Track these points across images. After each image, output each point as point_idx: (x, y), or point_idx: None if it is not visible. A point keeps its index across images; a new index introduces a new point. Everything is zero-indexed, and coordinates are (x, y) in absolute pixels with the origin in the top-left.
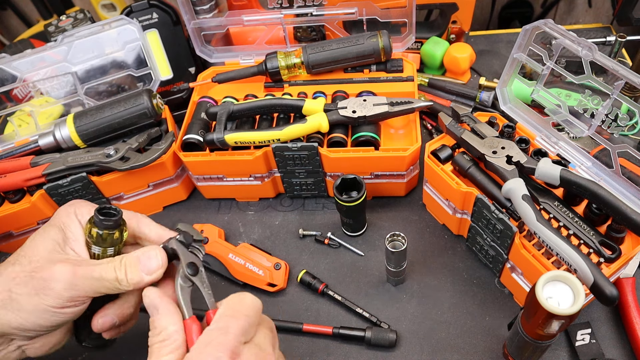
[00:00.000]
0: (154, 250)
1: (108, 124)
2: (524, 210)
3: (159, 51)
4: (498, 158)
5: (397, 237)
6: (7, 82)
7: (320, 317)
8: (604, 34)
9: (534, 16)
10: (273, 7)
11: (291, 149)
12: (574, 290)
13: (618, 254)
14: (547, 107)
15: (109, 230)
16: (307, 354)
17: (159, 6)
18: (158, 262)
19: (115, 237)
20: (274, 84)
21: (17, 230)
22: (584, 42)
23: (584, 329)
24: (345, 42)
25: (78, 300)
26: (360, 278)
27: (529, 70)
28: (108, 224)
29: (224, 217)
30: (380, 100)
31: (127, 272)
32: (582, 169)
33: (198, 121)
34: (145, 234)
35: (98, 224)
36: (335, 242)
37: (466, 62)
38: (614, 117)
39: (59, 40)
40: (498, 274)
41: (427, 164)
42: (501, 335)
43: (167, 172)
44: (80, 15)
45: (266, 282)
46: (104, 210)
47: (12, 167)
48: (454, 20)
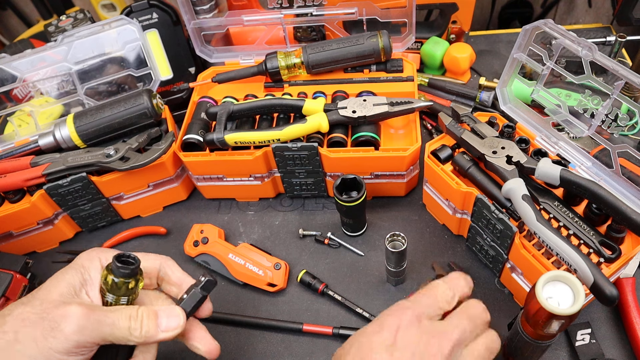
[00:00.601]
0: (177, 309)
1: (108, 124)
2: (524, 210)
3: (159, 51)
4: (498, 158)
5: (397, 237)
6: (7, 82)
7: (320, 317)
8: (604, 34)
9: (534, 16)
10: (273, 7)
11: (291, 149)
12: (574, 290)
13: (618, 254)
14: (547, 107)
15: (125, 279)
16: (307, 354)
17: (159, 6)
18: (179, 322)
19: (130, 286)
20: (274, 84)
21: (17, 230)
22: (584, 42)
23: (584, 329)
24: (345, 42)
25: (85, 347)
26: (360, 278)
27: (529, 70)
28: (125, 272)
29: (224, 217)
30: (380, 100)
31: (143, 323)
32: (582, 169)
33: (198, 121)
34: (168, 276)
35: (115, 271)
36: (335, 242)
37: (466, 62)
38: (614, 117)
39: (59, 40)
40: (498, 274)
41: (427, 164)
42: (501, 335)
43: (167, 172)
44: (80, 15)
45: (266, 282)
46: (123, 258)
47: (12, 167)
48: (454, 20)
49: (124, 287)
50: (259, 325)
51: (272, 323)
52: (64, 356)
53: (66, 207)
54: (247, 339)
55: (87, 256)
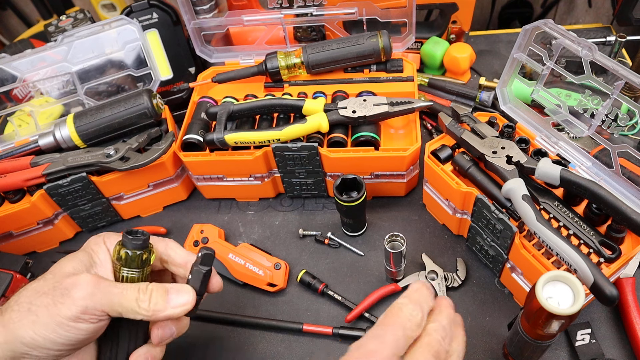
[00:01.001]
0: (187, 287)
1: (108, 124)
2: (524, 210)
3: (159, 51)
4: (498, 158)
5: (396, 238)
6: (7, 82)
7: (320, 317)
8: (604, 34)
9: (534, 16)
10: (273, 7)
11: (291, 149)
12: (574, 290)
13: (618, 254)
14: (547, 107)
15: (138, 250)
16: (307, 354)
17: (159, 6)
18: (188, 299)
19: (143, 257)
20: (274, 84)
21: (17, 230)
22: (584, 42)
23: (584, 329)
24: (345, 42)
25: (93, 315)
26: (360, 278)
27: (529, 70)
28: (137, 243)
29: (224, 217)
30: (380, 100)
31: (152, 295)
32: (582, 169)
33: (198, 121)
34: (171, 257)
35: (127, 244)
36: (335, 242)
37: (466, 62)
38: (614, 117)
39: (59, 40)
40: (498, 274)
41: (427, 164)
42: (501, 335)
43: (167, 172)
44: (80, 15)
45: (266, 282)
46: (132, 234)
47: (12, 167)
48: (454, 20)
49: (138, 259)
50: (259, 325)
51: (272, 323)
52: (73, 322)
53: (66, 207)
54: (247, 339)
55: (94, 240)
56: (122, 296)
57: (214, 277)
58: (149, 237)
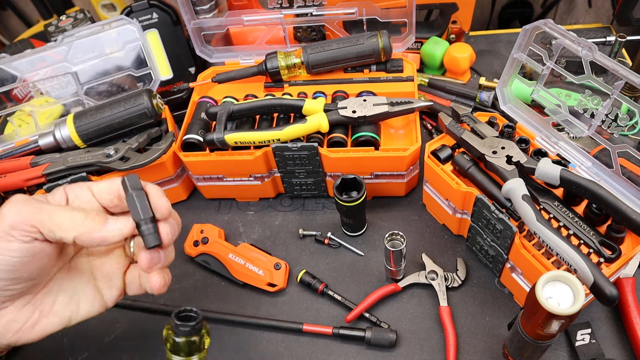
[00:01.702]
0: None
1: (108, 124)
2: (524, 210)
3: (159, 51)
4: (498, 158)
5: (396, 236)
6: (7, 82)
7: (320, 317)
8: (604, 34)
9: (534, 16)
10: (273, 7)
11: (291, 149)
12: (574, 290)
13: (618, 254)
14: (547, 107)
15: (187, 337)
16: (307, 354)
17: (159, 6)
18: (126, 224)
19: (194, 342)
20: (274, 84)
21: None
22: (584, 42)
23: (584, 329)
24: (345, 42)
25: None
26: (360, 278)
27: (529, 70)
28: (185, 330)
29: (224, 217)
30: (380, 100)
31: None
32: (582, 169)
33: (198, 121)
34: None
35: (175, 330)
36: (335, 242)
37: (466, 62)
38: (614, 117)
39: (59, 40)
40: (498, 274)
41: (427, 164)
42: (501, 335)
43: (167, 172)
44: (80, 15)
45: (266, 282)
46: (182, 314)
47: (12, 167)
48: (454, 20)
49: (187, 345)
50: (259, 325)
51: (272, 323)
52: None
53: None
54: (247, 339)
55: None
56: (54, 210)
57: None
58: (202, 318)
